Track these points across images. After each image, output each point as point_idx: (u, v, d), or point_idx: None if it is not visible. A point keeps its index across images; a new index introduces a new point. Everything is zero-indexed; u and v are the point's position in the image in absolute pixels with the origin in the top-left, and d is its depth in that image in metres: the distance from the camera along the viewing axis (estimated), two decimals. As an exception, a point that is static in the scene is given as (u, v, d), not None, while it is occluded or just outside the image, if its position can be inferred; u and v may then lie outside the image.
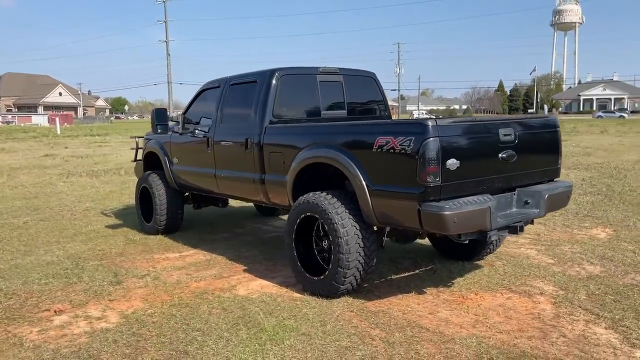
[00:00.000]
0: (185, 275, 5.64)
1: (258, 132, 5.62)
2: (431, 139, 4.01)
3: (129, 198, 10.88)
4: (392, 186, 4.28)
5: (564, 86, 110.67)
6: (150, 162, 7.96)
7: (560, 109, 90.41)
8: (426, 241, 6.13)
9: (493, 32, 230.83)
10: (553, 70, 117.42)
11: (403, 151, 4.14)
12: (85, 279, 5.54)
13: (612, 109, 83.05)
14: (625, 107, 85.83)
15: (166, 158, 7.37)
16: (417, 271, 5.62)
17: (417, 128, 4.11)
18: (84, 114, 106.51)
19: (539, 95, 60.94)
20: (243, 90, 6.11)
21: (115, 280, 5.46)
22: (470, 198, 4.24)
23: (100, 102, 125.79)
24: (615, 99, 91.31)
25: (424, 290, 5.03)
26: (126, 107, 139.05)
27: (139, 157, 8.35)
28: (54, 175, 14.66)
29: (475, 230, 4.24)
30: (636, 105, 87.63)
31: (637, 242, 6.52)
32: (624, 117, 65.78)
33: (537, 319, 4.28)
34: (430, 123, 4.06)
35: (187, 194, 7.70)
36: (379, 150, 4.33)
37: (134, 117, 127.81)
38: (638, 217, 7.86)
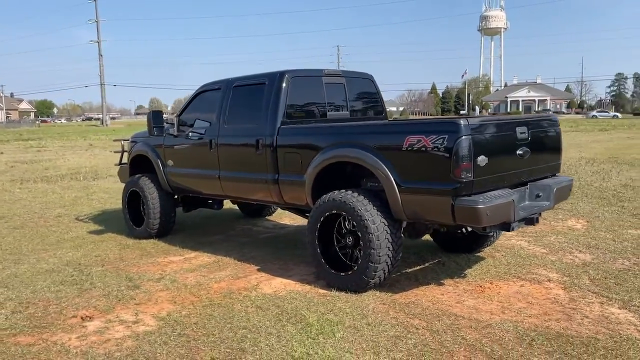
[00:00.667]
0: (201, 277, 5.64)
1: (271, 133, 5.70)
2: (464, 137, 4.26)
3: (99, 203, 10.64)
4: (423, 183, 4.50)
5: (491, 88, 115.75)
6: (138, 166, 7.84)
7: (489, 110, 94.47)
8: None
9: (426, 37, 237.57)
10: (481, 73, 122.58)
11: (436, 149, 4.37)
12: (99, 285, 5.43)
13: (537, 109, 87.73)
14: (548, 107, 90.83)
15: (159, 161, 7.28)
16: (426, 264, 5.87)
17: (450, 127, 4.35)
18: (7, 117, 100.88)
19: (470, 97, 63.91)
20: (250, 92, 6.17)
21: (133, 285, 5.39)
22: (495, 192, 4.53)
23: (24, 105, 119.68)
24: (539, 100, 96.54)
25: (441, 282, 5.29)
26: (55, 110, 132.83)
27: (124, 160, 8.18)
28: (5, 182, 13.98)
29: (500, 222, 4.53)
30: (557, 106, 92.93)
31: (612, 231, 7.08)
32: (617, 116, 68.92)
33: (556, 303, 4.63)
34: (462, 122, 4.31)
35: (176, 197, 7.64)
36: (409, 149, 4.54)
37: (62, 121, 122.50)
38: (604, 209, 8.50)
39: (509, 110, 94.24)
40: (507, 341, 3.88)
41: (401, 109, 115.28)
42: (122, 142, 8.21)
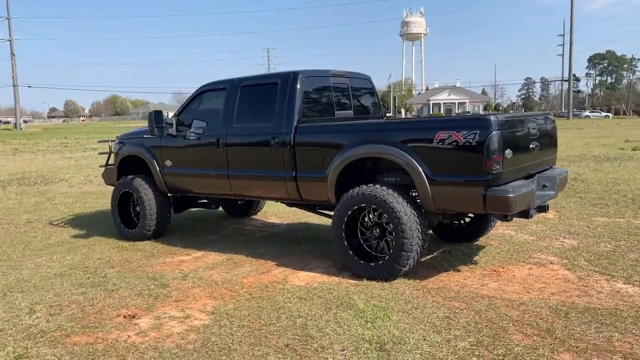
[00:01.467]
0: (224, 273, 5.71)
1: (288, 132, 5.86)
2: (494, 132, 4.65)
3: (67, 208, 10.33)
4: (454, 175, 4.85)
5: (414, 92, 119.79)
6: (126, 167, 7.73)
7: (413, 112, 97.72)
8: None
9: (352, 42, 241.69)
10: (404, 77, 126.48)
11: (467, 143, 4.73)
12: (123, 285, 5.37)
13: (457, 111, 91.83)
14: (467, 110, 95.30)
15: (155, 162, 7.22)
16: (435, 254, 6.24)
17: (481, 123, 4.72)
18: None
19: (395, 100, 65.54)
20: (260, 92, 6.29)
21: (160, 284, 5.38)
22: (517, 182, 4.96)
23: None
24: (459, 103, 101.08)
25: (457, 268, 5.67)
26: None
27: (111, 161, 8.01)
28: (-54, 189, 13.10)
29: (523, 210, 4.95)
30: (475, 108, 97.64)
31: (582, 219, 7.78)
32: (609, 116, 72.43)
33: (569, 282, 5.12)
34: (492, 118, 4.71)
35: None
36: (439, 144, 4.88)
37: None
38: (566, 200, 9.27)
39: (431, 112, 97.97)
40: (546, 316, 4.29)
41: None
42: (110, 143, 8.03)
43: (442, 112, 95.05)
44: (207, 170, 6.69)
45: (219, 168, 6.53)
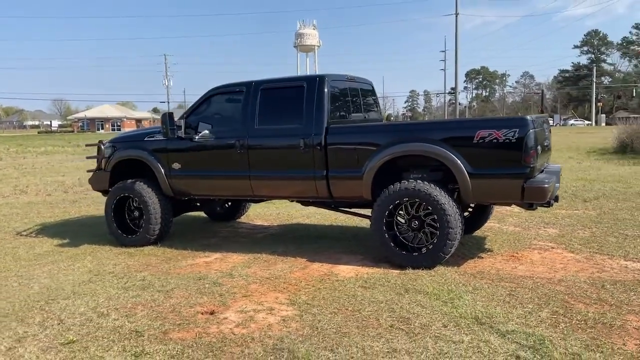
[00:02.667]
0: (265, 270, 5.83)
1: (318, 133, 6.12)
2: (531, 130, 5.27)
3: (24, 219, 9.69)
4: (494, 169, 5.40)
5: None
6: (121, 171, 7.52)
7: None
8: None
9: (248, 52, 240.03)
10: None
11: (507, 141, 5.30)
12: (174, 287, 5.33)
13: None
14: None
15: (159, 165, 7.11)
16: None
17: (520, 122, 5.32)
18: None
19: None
20: (285, 94, 6.50)
21: (213, 282, 5.41)
22: (542, 175, 5.63)
23: None
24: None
25: (480, 255, 6.22)
26: None
27: (102, 165, 7.71)
28: None
29: (549, 199, 5.61)
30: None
31: (547, 212, 8.69)
32: (591, 124, 74.81)
33: (581, 262, 5.83)
34: (529, 118, 5.33)
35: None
36: (480, 141, 5.41)
37: None
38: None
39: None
40: (588, 288, 4.93)
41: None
42: (103, 146, 7.71)
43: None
44: (224, 172, 6.74)
45: (239, 169, 6.60)
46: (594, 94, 74.07)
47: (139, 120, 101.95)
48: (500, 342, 3.79)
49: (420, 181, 5.66)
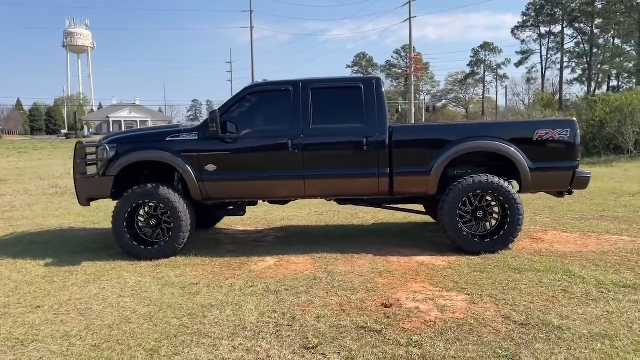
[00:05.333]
0: (362, 266, 5.90)
1: (383, 132, 6.41)
2: (577, 129, 6.38)
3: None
4: (550, 162, 6.36)
5: (88, 107, 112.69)
6: (127, 176, 6.72)
7: (91, 129, 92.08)
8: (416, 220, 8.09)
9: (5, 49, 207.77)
10: (76, 91, 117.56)
11: (561, 139, 6.32)
12: (304, 287, 5.14)
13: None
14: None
15: (189, 167, 6.54)
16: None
17: (570, 123, 6.39)
18: None
19: (76, 115, 62.02)
20: (340, 95, 6.62)
21: (340, 281, 5.33)
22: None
23: None
24: (140, 121, 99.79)
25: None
26: None
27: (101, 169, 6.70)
28: None
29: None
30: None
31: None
32: None
33: (597, 239, 6.99)
34: (575, 119, 6.42)
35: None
36: (538, 139, 6.33)
37: None
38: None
39: (112, 130, 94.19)
40: (636, 257, 6.14)
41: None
42: (107, 147, 6.66)
43: (123, 129, 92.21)
44: (273, 173, 6.53)
45: (292, 170, 6.48)
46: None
47: None
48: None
49: (490, 175, 6.33)
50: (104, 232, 8.24)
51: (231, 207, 7.17)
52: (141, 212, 6.70)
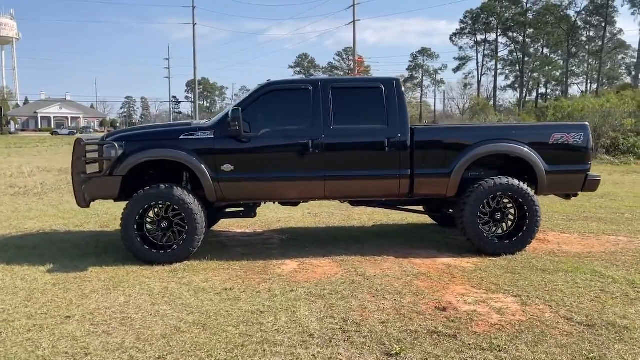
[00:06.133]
0: (390, 269, 5.84)
1: (405, 133, 6.38)
2: (590, 134, 6.60)
3: None
4: (565, 166, 6.53)
5: (13, 102, 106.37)
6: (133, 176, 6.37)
7: (17, 125, 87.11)
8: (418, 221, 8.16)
9: None
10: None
11: (575, 143, 6.52)
12: (347, 292, 5.01)
13: (69, 126, 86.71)
14: (83, 125, 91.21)
15: (204, 167, 6.26)
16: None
17: (583, 128, 6.59)
18: None
19: (0, 110, 58.15)
20: (360, 94, 6.54)
21: (377, 284, 5.24)
22: None
23: None
24: (72, 117, 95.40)
25: (515, 241, 7.28)
26: None
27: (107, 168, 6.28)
28: None
29: (584, 191, 6.99)
30: (92, 124, 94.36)
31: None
32: None
33: (598, 242, 7.31)
34: (588, 124, 6.64)
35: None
36: (554, 142, 6.50)
37: None
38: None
39: (39, 126, 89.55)
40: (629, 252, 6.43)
41: None
42: (116, 145, 6.21)
43: (52, 126, 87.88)
44: (292, 174, 6.36)
45: (312, 170, 6.34)
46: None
47: None
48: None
49: (510, 178, 6.42)
50: (93, 235, 7.78)
51: (241, 209, 6.92)
52: (150, 214, 6.34)
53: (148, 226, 6.38)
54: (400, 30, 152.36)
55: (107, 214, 9.30)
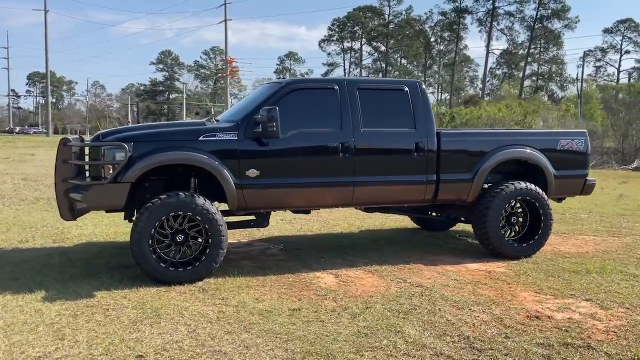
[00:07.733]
0: (441, 277, 5.66)
1: (432, 137, 6.25)
2: (589, 140, 7.00)
3: None
4: (568, 170, 6.83)
5: None
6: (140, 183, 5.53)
7: None
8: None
9: None
10: None
11: (578, 149, 6.86)
12: (407, 306, 4.74)
13: None
14: None
15: (227, 172, 5.58)
16: (470, 240, 7.71)
17: (584, 135, 6.94)
18: None
19: None
20: (386, 97, 6.28)
21: (447, 293, 5.01)
22: None
23: None
24: None
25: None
26: None
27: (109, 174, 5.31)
28: None
29: (576, 194, 7.38)
30: None
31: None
32: None
33: (585, 242, 7.66)
34: (586, 131, 7.02)
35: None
36: (560, 148, 6.78)
37: None
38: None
39: None
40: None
41: None
42: (104, 149, 5.21)
43: None
44: (322, 179, 5.92)
45: (341, 176, 5.95)
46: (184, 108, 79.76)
47: None
48: None
49: (527, 183, 6.55)
50: (58, 252, 6.56)
51: (252, 219, 6.27)
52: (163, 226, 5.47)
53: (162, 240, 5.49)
54: (259, 32, 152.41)
55: (47, 227, 7.94)
